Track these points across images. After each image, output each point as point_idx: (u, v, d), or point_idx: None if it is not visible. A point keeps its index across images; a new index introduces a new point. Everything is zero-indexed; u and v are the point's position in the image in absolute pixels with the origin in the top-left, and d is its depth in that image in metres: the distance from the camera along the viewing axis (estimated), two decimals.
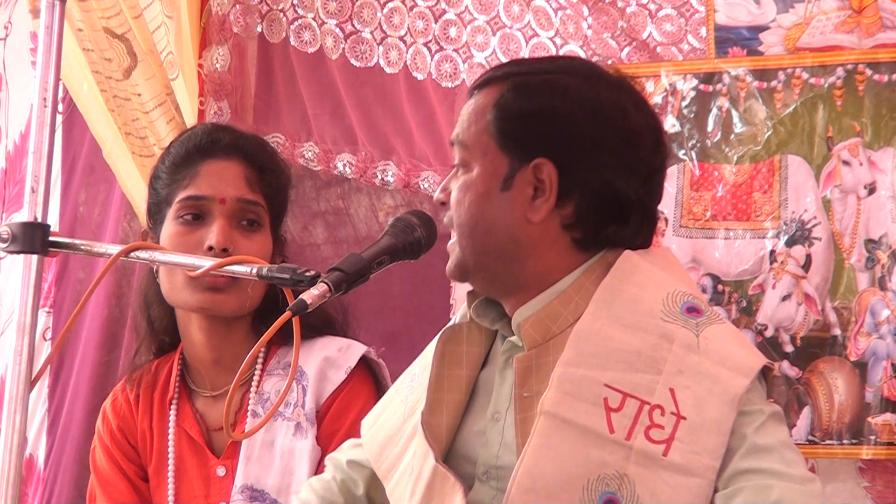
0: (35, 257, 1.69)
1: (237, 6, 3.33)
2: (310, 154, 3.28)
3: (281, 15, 3.33)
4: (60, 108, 3.52)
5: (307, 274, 1.68)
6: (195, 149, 2.33)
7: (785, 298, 2.81)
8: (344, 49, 3.26)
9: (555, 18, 3.04)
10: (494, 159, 1.84)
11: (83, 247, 1.77)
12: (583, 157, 1.82)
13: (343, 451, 2.08)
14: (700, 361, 1.75)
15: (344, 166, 3.24)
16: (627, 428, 1.71)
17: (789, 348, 2.81)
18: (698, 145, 2.89)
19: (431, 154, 3.14)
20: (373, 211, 3.33)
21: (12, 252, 1.69)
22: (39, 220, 1.69)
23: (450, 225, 1.89)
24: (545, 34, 3.06)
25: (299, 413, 2.27)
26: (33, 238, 1.68)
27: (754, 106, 2.85)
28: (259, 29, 3.35)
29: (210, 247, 2.25)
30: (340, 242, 3.35)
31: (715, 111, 2.88)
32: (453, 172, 1.89)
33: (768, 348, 2.80)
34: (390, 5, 3.23)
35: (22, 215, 1.70)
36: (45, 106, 1.70)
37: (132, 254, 1.75)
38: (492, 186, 1.84)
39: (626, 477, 1.69)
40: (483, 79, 1.91)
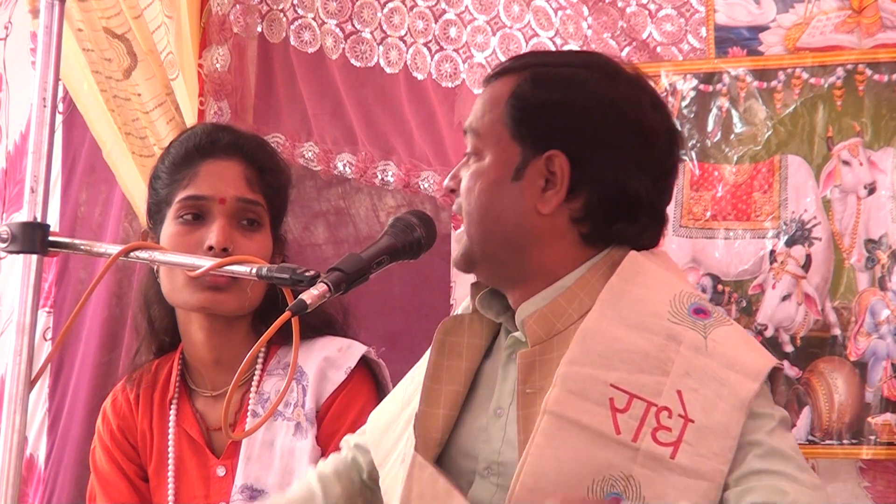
0: (35, 257, 1.68)
1: (237, 6, 3.33)
2: (310, 154, 3.27)
3: (281, 15, 3.32)
4: (60, 108, 3.52)
5: (307, 274, 1.67)
6: (195, 149, 2.33)
7: (785, 298, 2.81)
8: (344, 49, 3.26)
9: (555, 18, 3.04)
10: (507, 148, 1.84)
11: (83, 247, 1.77)
12: (596, 152, 1.82)
13: (354, 436, 2.09)
14: (708, 364, 1.74)
15: (344, 166, 3.24)
16: (634, 429, 1.71)
17: (789, 348, 2.81)
18: (698, 145, 2.89)
19: (431, 154, 3.14)
20: (374, 211, 3.33)
21: (12, 252, 1.68)
22: (39, 220, 1.69)
23: (458, 213, 1.89)
24: (545, 34, 3.05)
25: (299, 413, 2.27)
26: (33, 238, 1.68)
27: (754, 106, 2.85)
28: (259, 29, 3.35)
29: (210, 246, 2.25)
30: (341, 242, 3.35)
31: (715, 111, 2.88)
32: (464, 160, 1.89)
33: (768, 348, 2.79)
34: (390, 5, 3.23)
35: (22, 215, 1.70)
36: (45, 106, 1.70)
37: (132, 254, 1.75)
38: (503, 175, 1.83)
39: (632, 478, 1.69)
40: (500, 68, 1.90)
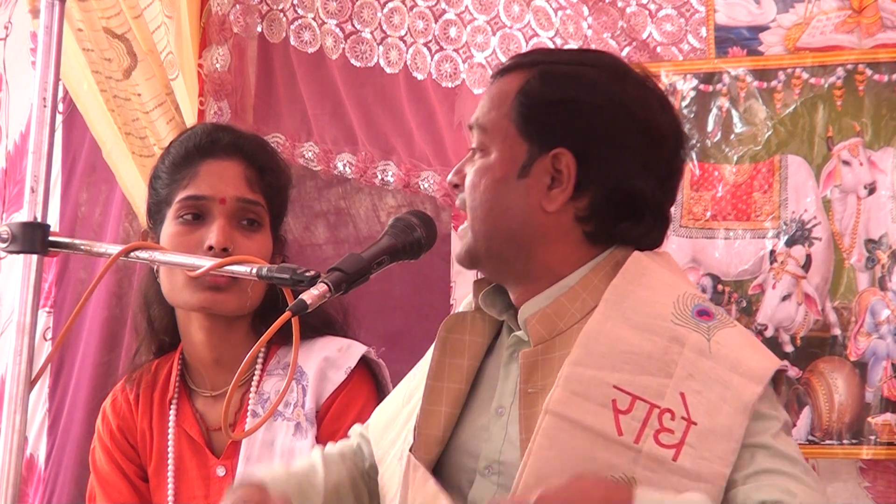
0: (35, 257, 1.69)
1: (237, 6, 3.33)
2: (310, 154, 3.27)
3: (281, 15, 3.32)
4: (60, 108, 3.52)
5: (307, 274, 1.68)
6: (195, 149, 2.33)
7: (785, 298, 2.81)
8: (344, 49, 3.26)
9: (555, 18, 3.04)
10: (514, 145, 1.83)
11: (83, 247, 1.77)
12: (603, 151, 1.82)
13: (362, 427, 2.09)
14: (712, 366, 1.74)
15: (344, 166, 3.24)
16: (636, 431, 1.70)
17: (789, 348, 2.81)
18: (698, 145, 2.89)
19: (431, 154, 3.14)
20: (374, 211, 3.32)
21: (12, 252, 1.69)
22: (39, 220, 1.69)
23: (461, 208, 1.88)
24: (545, 34, 3.05)
25: (299, 413, 2.27)
26: (33, 238, 1.68)
27: (754, 106, 2.85)
28: (259, 29, 3.35)
29: (210, 246, 2.25)
30: (342, 242, 3.35)
31: (715, 111, 2.88)
32: (469, 156, 1.88)
33: (769, 348, 2.79)
34: (390, 5, 3.22)
35: (22, 215, 1.70)
36: (45, 106, 1.70)
37: (132, 254, 1.75)
38: (509, 172, 1.83)
39: (634, 480, 1.68)
40: (508, 64, 1.89)
